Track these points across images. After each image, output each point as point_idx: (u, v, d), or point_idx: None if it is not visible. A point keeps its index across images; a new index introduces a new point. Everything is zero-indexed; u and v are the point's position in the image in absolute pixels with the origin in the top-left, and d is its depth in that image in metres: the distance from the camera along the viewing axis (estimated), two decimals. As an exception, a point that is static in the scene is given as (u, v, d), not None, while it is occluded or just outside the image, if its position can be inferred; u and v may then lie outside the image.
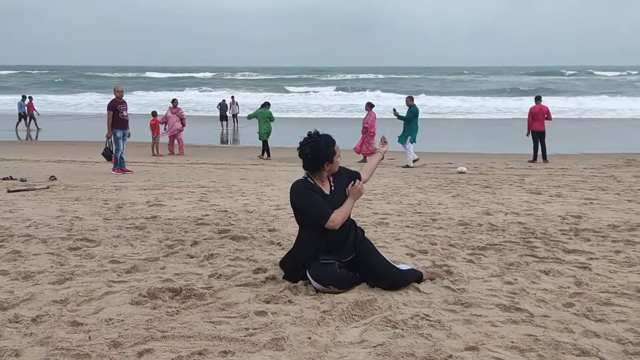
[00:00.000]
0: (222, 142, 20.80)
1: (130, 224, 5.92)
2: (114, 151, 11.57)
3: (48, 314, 3.33)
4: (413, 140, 13.47)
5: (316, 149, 3.82)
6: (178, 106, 17.04)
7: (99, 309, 3.43)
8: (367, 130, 14.42)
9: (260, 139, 15.65)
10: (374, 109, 14.92)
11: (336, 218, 3.76)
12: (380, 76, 76.13)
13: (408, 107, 13.78)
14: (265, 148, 15.45)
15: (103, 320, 3.25)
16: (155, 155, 15.85)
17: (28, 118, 23.87)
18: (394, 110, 13.95)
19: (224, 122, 23.73)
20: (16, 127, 23.12)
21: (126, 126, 11.85)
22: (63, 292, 3.71)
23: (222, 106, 23.80)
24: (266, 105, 16.05)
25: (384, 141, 4.49)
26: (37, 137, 22.05)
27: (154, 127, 16.35)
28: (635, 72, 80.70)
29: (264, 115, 15.60)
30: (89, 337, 3.00)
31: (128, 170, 11.64)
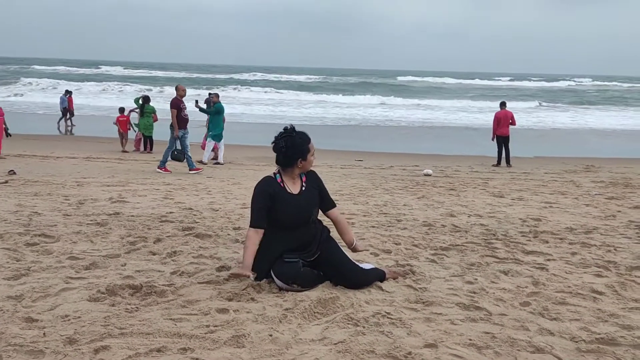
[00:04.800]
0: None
1: (91, 220, 5.80)
2: (170, 150, 11.26)
3: (2, 310, 3.23)
4: (215, 138, 13.42)
5: (291, 144, 3.79)
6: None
7: (54, 305, 3.35)
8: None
9: (149, 134, 15.84)
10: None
11: (249, 233, 3.77)
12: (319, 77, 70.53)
13: (213, 104, 13.92)
14: (151, 143, 15.89)
15: (59, 316, 3.17)
16: (123, 152, 15.57)
17: (68, 114, 22.53)
18: (196, 101, 14.13)
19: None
20: (58, 123, 22.05)
21: (186, 125, 11.58)
22: (18, 288, 3.61)
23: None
24: (148, 100, 16.19)
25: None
26: (71, 131, 21.08)
27: (123, 123, 16.10)
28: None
29: (152, 110, 15.87)
30: (44, 334, 2.93)
31: (167, 170, 11.34)
